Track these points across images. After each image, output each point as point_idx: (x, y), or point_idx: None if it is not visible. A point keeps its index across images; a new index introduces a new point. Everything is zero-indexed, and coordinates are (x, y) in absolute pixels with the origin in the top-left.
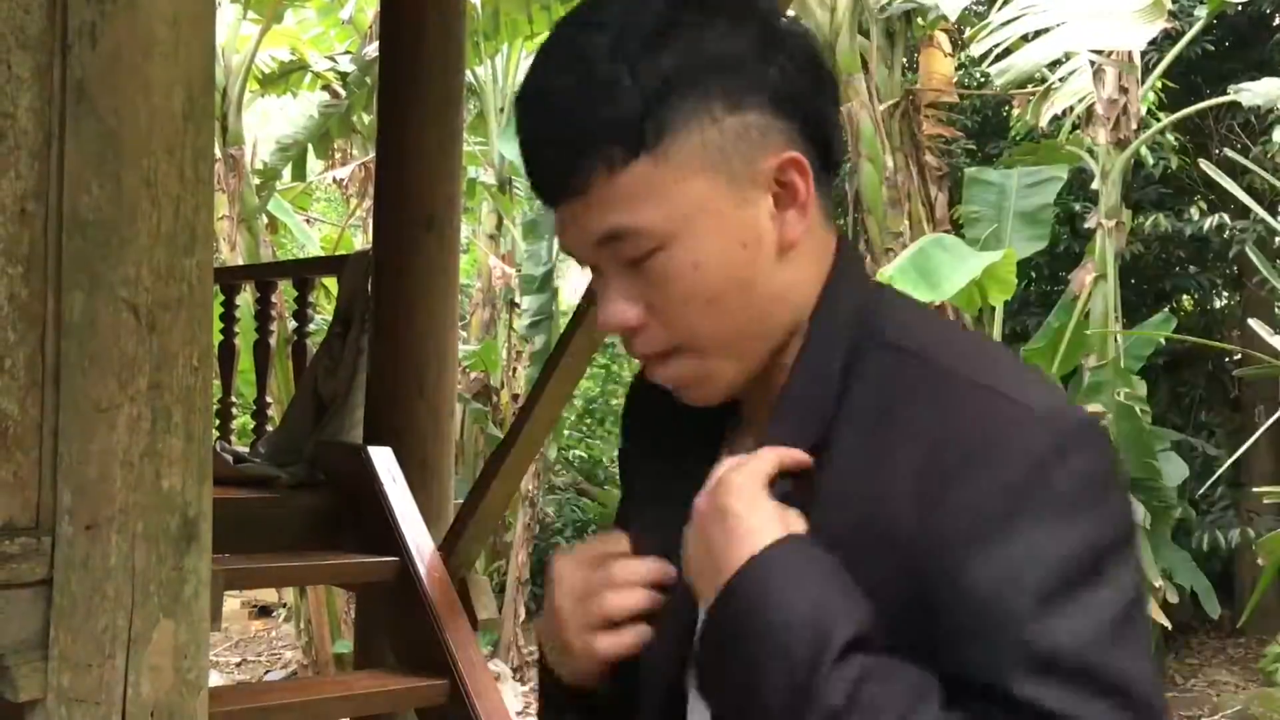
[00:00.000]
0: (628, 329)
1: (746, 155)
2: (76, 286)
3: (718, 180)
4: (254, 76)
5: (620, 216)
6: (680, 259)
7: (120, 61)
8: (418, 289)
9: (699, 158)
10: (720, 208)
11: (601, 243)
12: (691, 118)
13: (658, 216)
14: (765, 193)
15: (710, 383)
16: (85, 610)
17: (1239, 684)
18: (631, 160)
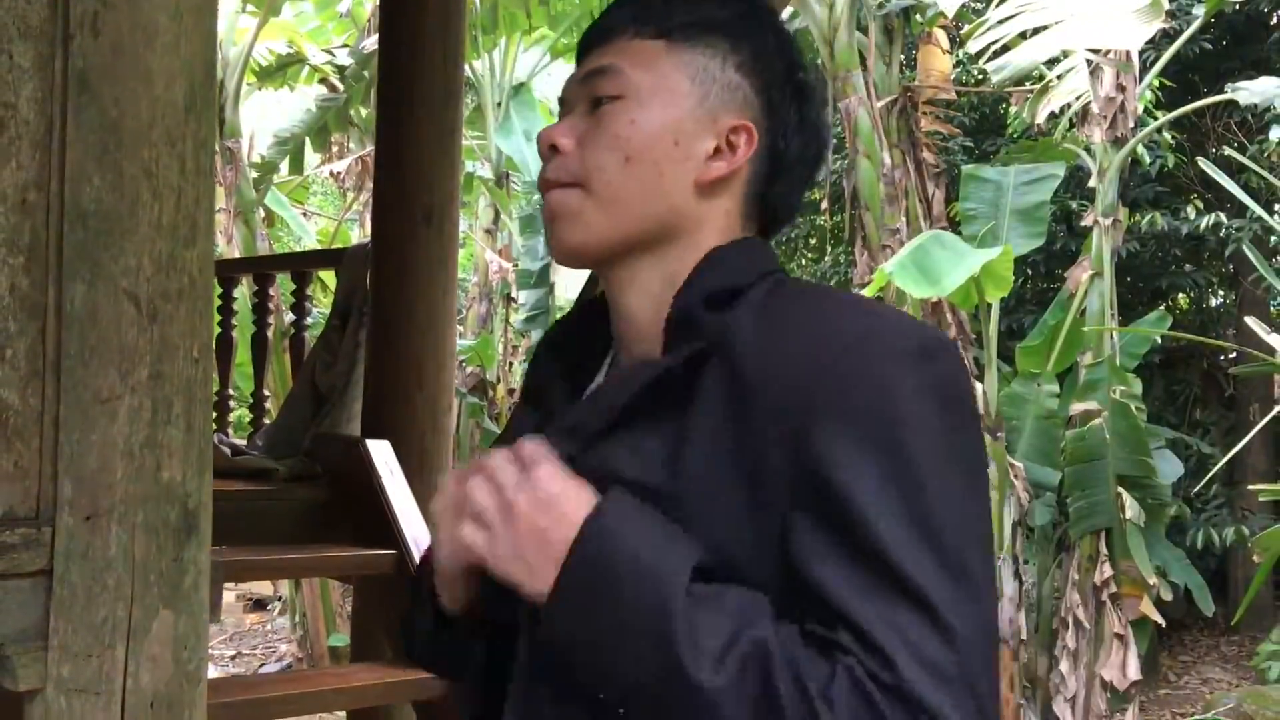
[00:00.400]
0: (554, 148)
1: (723, 102)
2: (77, 277)
3: (695, 92)
4: (251, 69)
5: (617, 58)
6: (626, 111)
7: (122, 52)
8: (417, 283)
9: (695, 71)
10: (681, 105)
11: (588, 77)
12: (711, 47)
13: (638, 74)
14: (713, 137)
15: (581, 223)
16: (85, 601)
17: (1232, 681)
18: (654, 38)
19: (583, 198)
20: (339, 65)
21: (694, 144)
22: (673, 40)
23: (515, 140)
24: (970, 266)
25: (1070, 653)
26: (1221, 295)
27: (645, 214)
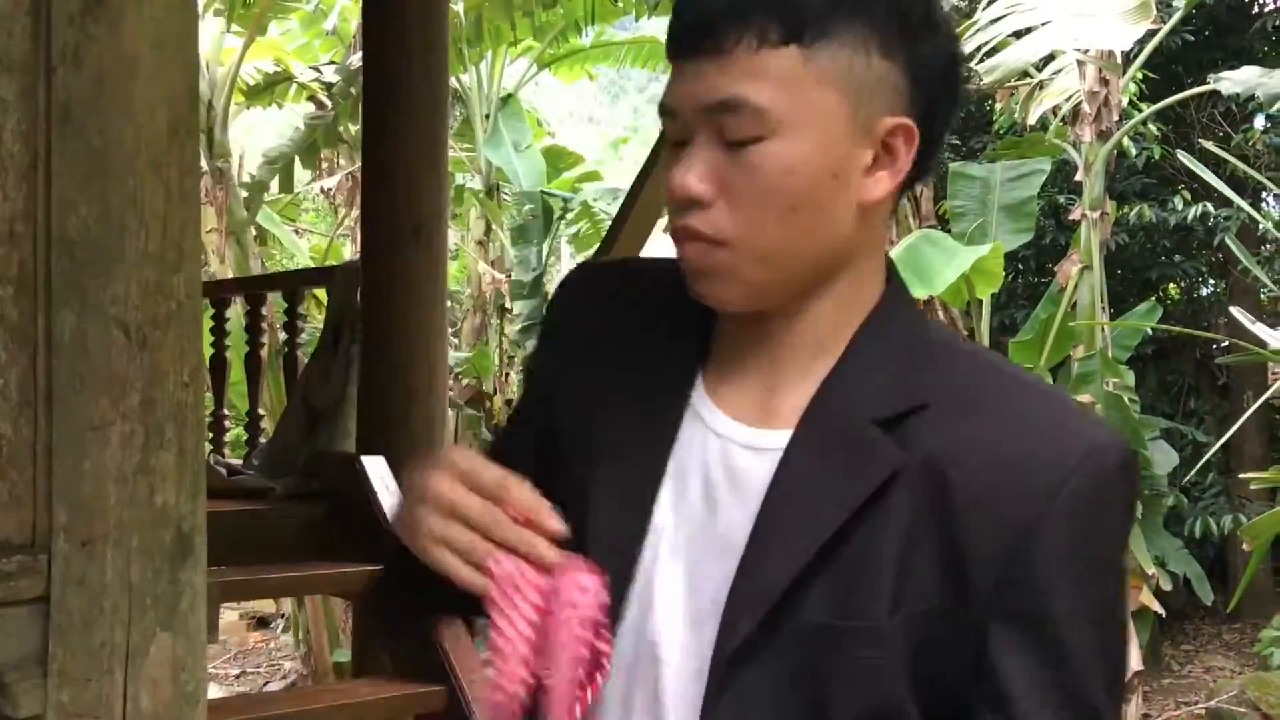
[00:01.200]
0: (695, 200)
1: (875, 101)
2: (66, 306)
3: (845, 105)
4: (239, 89)
5: (749, 88)
6: (779, 154)
7: (105, 83)
8: (407, 298)
9: (841, 77)
10: (834, 129)
11: (713, 109)
12: (851, 40)
13: (780, 104)
14: (871, 147)
15: (734, 281)
16: (83, 626)
17: (1234, 669)
18: (782, 45)
19: (736, 255)
20: (326, 82)
21: (853, 166)
22: (806, 43)
23: (504, 151)
24: (961, 264)
25: None
26: (1212, 284)
27: (810, 261)
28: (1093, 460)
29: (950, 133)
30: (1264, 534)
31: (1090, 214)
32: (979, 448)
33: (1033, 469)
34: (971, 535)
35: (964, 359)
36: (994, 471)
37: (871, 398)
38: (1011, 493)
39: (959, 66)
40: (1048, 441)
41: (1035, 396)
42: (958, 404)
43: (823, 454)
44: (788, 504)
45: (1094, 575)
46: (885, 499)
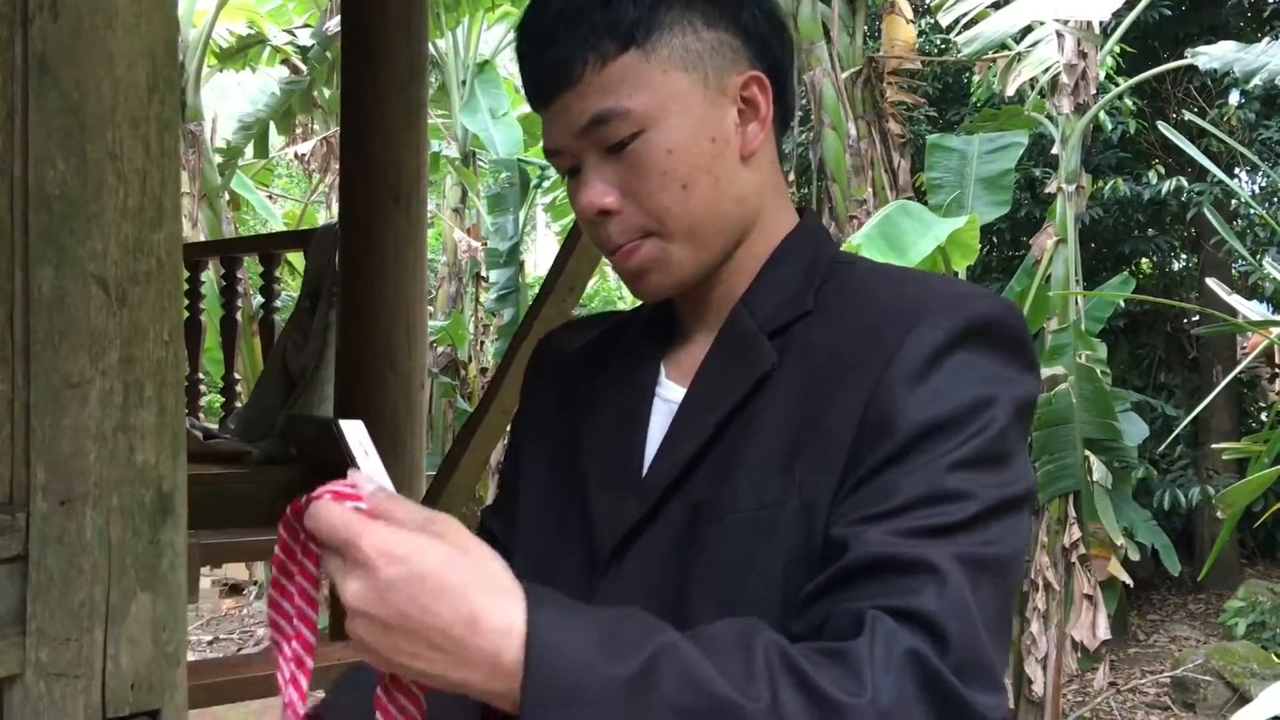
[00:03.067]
0: (605, 211)
1: (719, 66)
2: (44, 262)
3: (694, 79)
4: (211, 51)
5: (608, 100)
6: (657, 143)
7: (82, 34)
8: (386, 263)
9: (680, 57)
10: (694, 102)
11: (587, 129)
12: (676, 24)
13: (641, 101)
14: (731, 105)
15: (670, 268)
16: (62, 585)
17: (1200, 638)
18: (622, 53)
19: (662, 245)
20: (301, 46)
21: (724, 127)
22: (640, 43)
23: (481, 118)
24: (937, 236)
25: (1040, 614)
26: (1184, 259)
27: (725, 224)
28: (943, 310)
29: (928, 105)
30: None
31: (1066, 187)
32: (842, 330)
33: (879, 328)
34: (832, 404)
35: (854, 269)
36: (850, 342)
37: (768, 313)
38: (864, 354)
39: (775, 7)
40: (902, 301)
41: (910, 277)
42: (836, 305)
43: (716, 368)
44: (687, 413)
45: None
46: (763, 392)
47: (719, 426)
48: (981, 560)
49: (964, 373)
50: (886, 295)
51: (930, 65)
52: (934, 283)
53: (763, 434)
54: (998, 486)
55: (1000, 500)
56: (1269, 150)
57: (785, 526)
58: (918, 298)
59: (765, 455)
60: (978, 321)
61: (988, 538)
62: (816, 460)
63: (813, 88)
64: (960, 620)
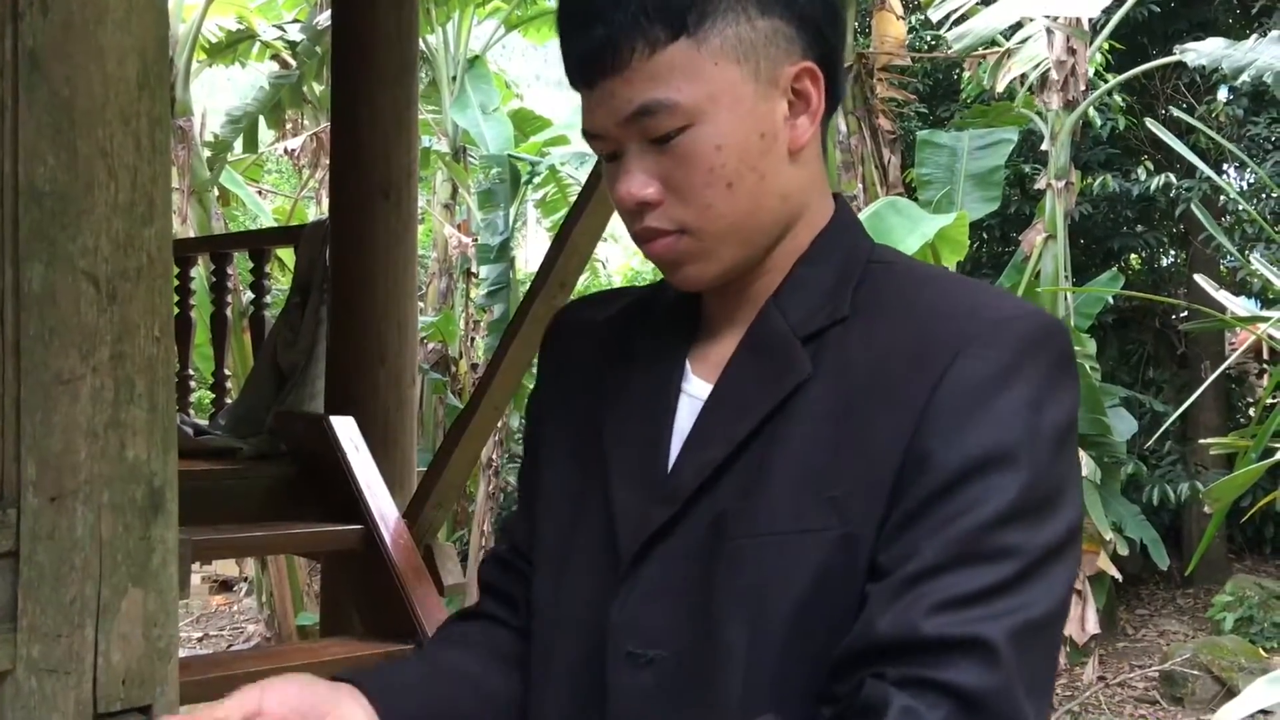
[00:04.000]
0: (646, 203)
1: (772, 56)
2: (35, 258)
3: (746, 71)
4: (201, 46)
5: (656, 91)
6: (705, 137)
7: (72, 29)
8: (377, 258)
9: (733, 48)
10: (745, 96)
11: (631, 119)
12: (730, 11)
13: (691, 93)
14: (782, 97)
15: (707, 261)
16: (53, 581)
17: (1188, 633)
18: (672, 41)
19: (699, 240)
20: (291, 41)
21: (773, 121)
22: (692, 32)
23: (471, 114)
24: (926, 232)
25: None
26: (1173, 255)
27: (768, 222)
28: (989, 333)
29: (918, 101)
30: (1225, 497)
31: (1055, 184)
32: (882, 344)
33: (925, 350)
34: (873, 425)
35: (892, 270)
36: (892, 360)
37: (801, 316)
38: (907, 373)
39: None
40: (944, 323)
41: (952, 290)
42: (874, 311)
43: (746, 372)
44: (714, 416)
45: (992, 431)
46: (794, 403)
47: (750, 435)
48: (1020, 627)
49: (1009, 406)
50: (929, 312)
51: (920, 61)
52: (979, 298)
53: (795, 449)
54: (1039, 537)
55: (1043, 553)
56: (1257, 146)
57: (823, 553)
58: (962, 317)
59: (799, 473)
60: (1025, 346)
61: (1029, 599)
62: (861, 491)
63: None
64: (999, 695)
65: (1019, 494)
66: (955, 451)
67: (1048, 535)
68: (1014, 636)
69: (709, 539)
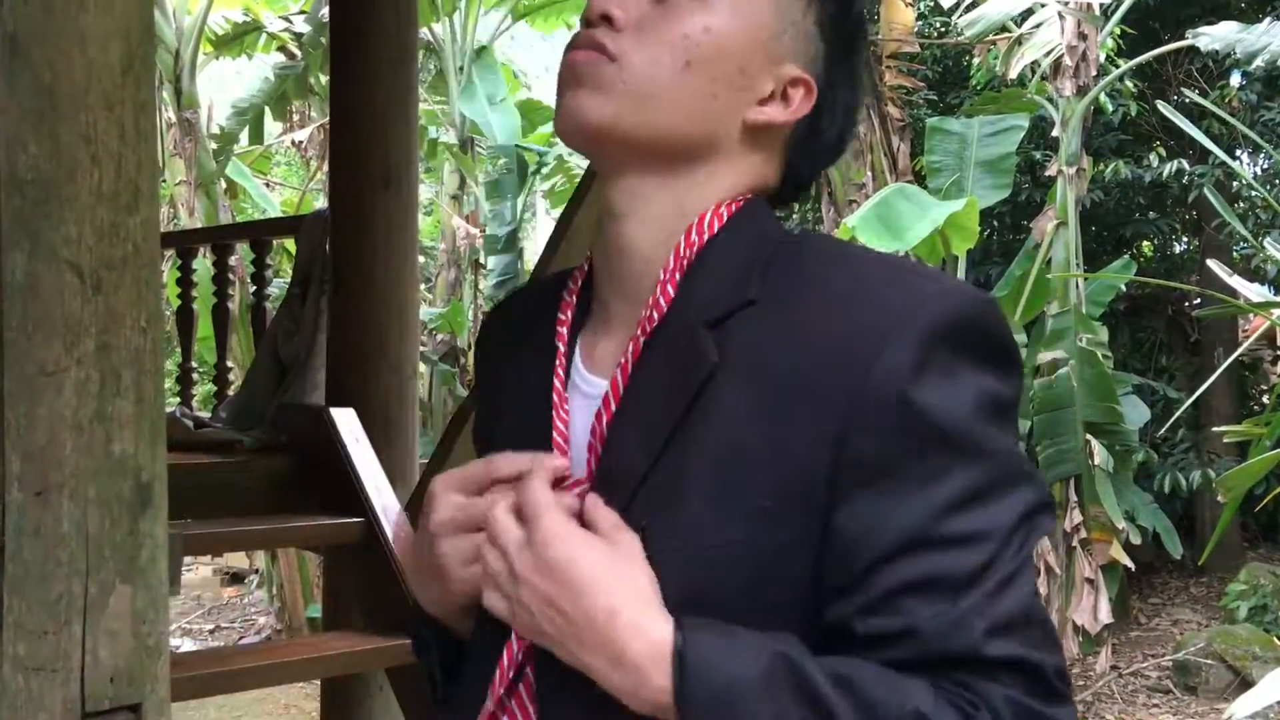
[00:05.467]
0: (608, 19)
1: (794, 49)
2: (16, 247)
3: (773, 27)
4: (207, 38)
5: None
6: (703, 13)
7: (54, 13)
8: (377, 247)
9: (781, 5)
10: (758, 34)
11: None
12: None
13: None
14: (771, 82)
15: (605, 97)
16: (39, 577)
17: (1201, 621)
18: None
19: (618, 75)
20: (296, 32)
21: (756, 80)
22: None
23: (479, 105)
24: (934, 219)
25: (1042, 598)
26: (1185, 241)
27: (681, 125)
28: (914, 317)
29: (927, 88)
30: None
31: (1066, 170)
32: (797, 334)
33: (844, 343)
34: (796, 423)
35: (801, 250)
36: (810, 355)
37: (705, 302)
38: (828, 371)
39: (863, 42)
40: (867, 310)
41: (869, 270)
42: (785, 295)
43: (655, 366)
44: (625, 422)
45: (932, 454)
46: (704, 399)
47: (665, 441)
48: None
49: (939, 395)
50: (846, 297)
51: (929, 48)
52: (896, 279)
53: (713, 453)
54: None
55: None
56: (1270, 132)
57: (754, 565)
58: (881, 304)
59: (720, 479)
60: (949, 329)
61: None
62: (789, 497)
63: None
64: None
65: (976, 479)
66: (892, 449)
67: (1012, 512)
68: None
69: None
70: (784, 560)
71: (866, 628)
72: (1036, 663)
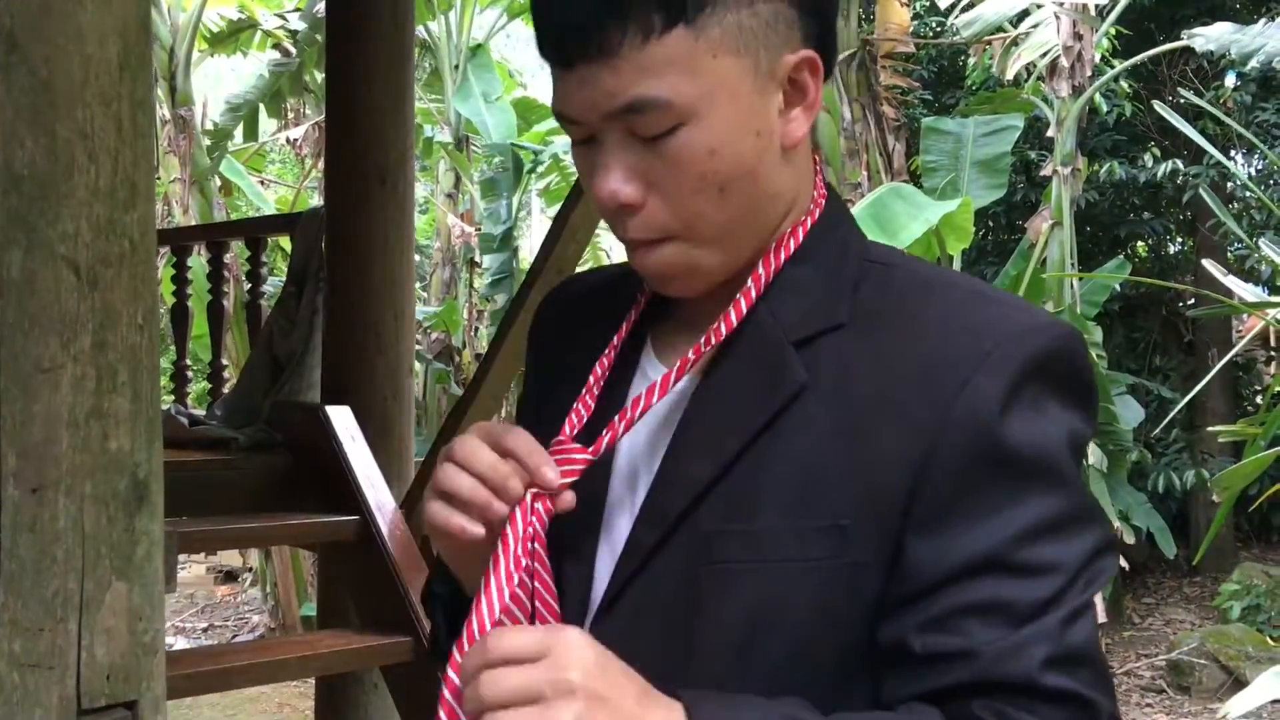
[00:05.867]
0: (627, 208)
1: (772, 45)
2: (13, 244)
3: (745, 64)
4: (202, 35)
5: (649, 86)
6: (699, 140)
7: (51, 9)
8: (373, 245)
9: (734, 38)
10: (743, 92)
11: (618, 113)
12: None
13: (686, 91)
14: (778, 89)
15: (696, 273)
16: (35, 574)
17: (1195, 621)
18: (670, 29)
19: (687, 249)
20: (291, 30)
21: (769, 118)
22: (691, 19)
23: (474, 103)
24: (929, 219)
25: None
26: (1180, 242)
27: (760, 224)
28: (1007, 348)
29: (923, 88)
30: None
31: (1061, 170)
32: (886, 359)
33: (934, 369)
34: (878, 448)
35: (892, 274)
36: (898, 379)
37: (793, 320)
38: (916, 396)
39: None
40: (954, 340)
41: (957, 299)
42: (874, 320)
43: (735, 378)
44: (698, 428)
45: (1012, 482)
46: (788, 416)
47: (739, 451)
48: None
49: (1027, 426)
50: (937, 324)
51: (925, 48)
52: (989, 308)
53: (792, 469)
54: (1075, 549)
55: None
56: (1265, 132)
57: (826, 584)
58: (973, 331)
59: (798, 496)
60: (1040, 363)
61: (1080, 604)
62: (868, 518)
63: None
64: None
65: (1054, 511)
66: (977, 470)
67: (1084, 548)
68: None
69: (693, 562)
70: (856, 580)
71: (924, 645)
72: (1090, 699)
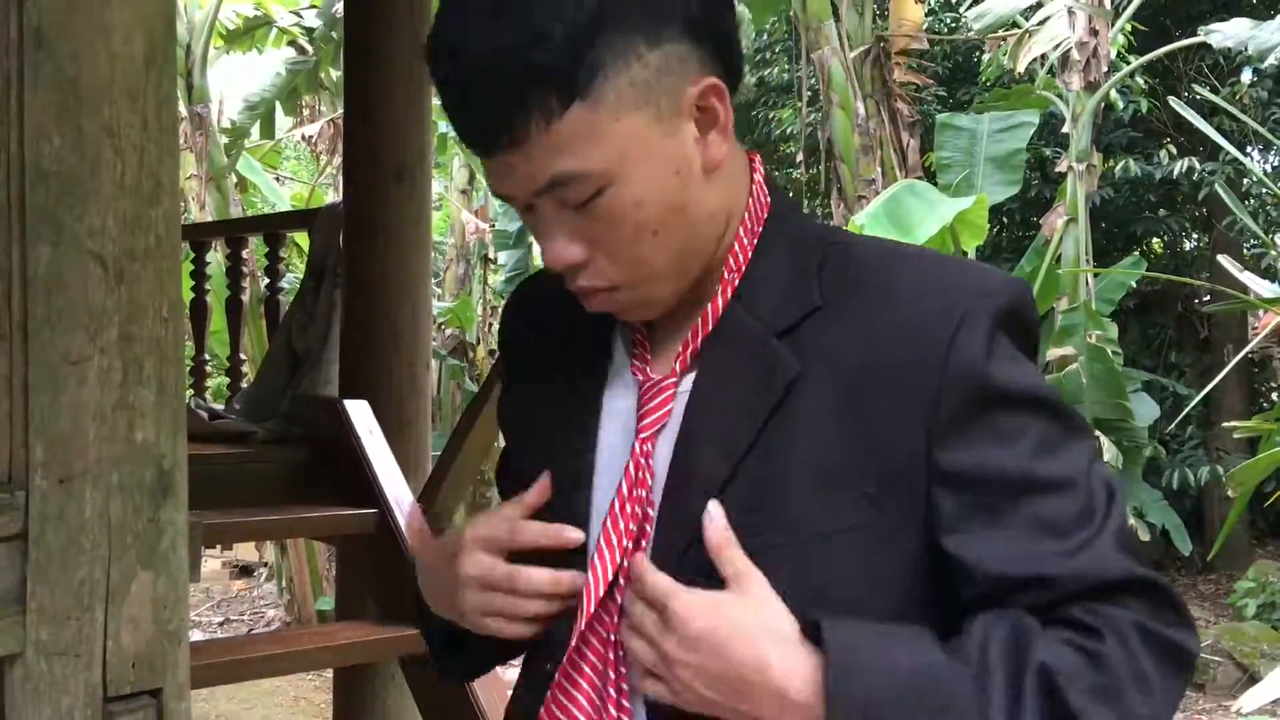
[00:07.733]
0: (574, 265)
1: (670, 87)
2: (41, 239)
3: (647, 115)
4: (218, 33)
5: (563, 163)
6: (624, 197)
7: (78, 6)
8: (390, 241)
9: (629, 96)
10: (653, 141)
11: (543, 190)
12: (619, 57)
13: (598, 159)
14: (688, 120)
15: (650, 305)
16: (61, 564)
17: (1210, 619)
18: (567, 108)
19: (636, 289)
20: (307, 27)
21: (685, 153)
22: (583, 93)
23: None
24: (944, 215)
25: None
26: (1195, 239)
27: (702, 245)
28: (975, 305)
29: (937, 84)
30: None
31: (1077, 166)
32: (868, 331)
33: (918, 332)
34: (884, 413)
35: (851, 252)
36: (884, 348)
37: (769, 313)
38: (907, 354)
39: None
40: (929, 302)
41: (926, 262)
42: (846, 297)
43: (728, 377)
44: (701, 429)
45: (1011, 416)
46: (789, 404)
47: (750, 445)
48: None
49: (1010, 370)
50: (909, 290)
51: (939, 44)
52: (952, 270)
53: (803, 450)
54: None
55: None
56: None
57: (868, 550)
58: (943, 292)
59: (816, 474)
60: (1007, 313)
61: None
62: (890, 483)
63: (821, 67)
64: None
65: (1055, 431)
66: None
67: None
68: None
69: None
70: (894, 542)
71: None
72: (1154, 580)
